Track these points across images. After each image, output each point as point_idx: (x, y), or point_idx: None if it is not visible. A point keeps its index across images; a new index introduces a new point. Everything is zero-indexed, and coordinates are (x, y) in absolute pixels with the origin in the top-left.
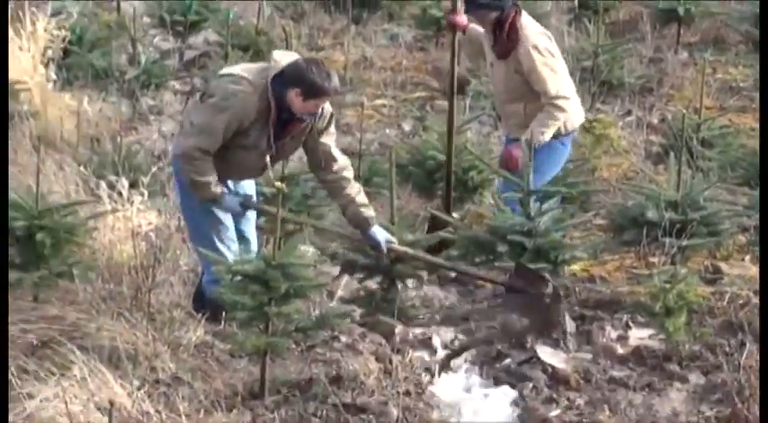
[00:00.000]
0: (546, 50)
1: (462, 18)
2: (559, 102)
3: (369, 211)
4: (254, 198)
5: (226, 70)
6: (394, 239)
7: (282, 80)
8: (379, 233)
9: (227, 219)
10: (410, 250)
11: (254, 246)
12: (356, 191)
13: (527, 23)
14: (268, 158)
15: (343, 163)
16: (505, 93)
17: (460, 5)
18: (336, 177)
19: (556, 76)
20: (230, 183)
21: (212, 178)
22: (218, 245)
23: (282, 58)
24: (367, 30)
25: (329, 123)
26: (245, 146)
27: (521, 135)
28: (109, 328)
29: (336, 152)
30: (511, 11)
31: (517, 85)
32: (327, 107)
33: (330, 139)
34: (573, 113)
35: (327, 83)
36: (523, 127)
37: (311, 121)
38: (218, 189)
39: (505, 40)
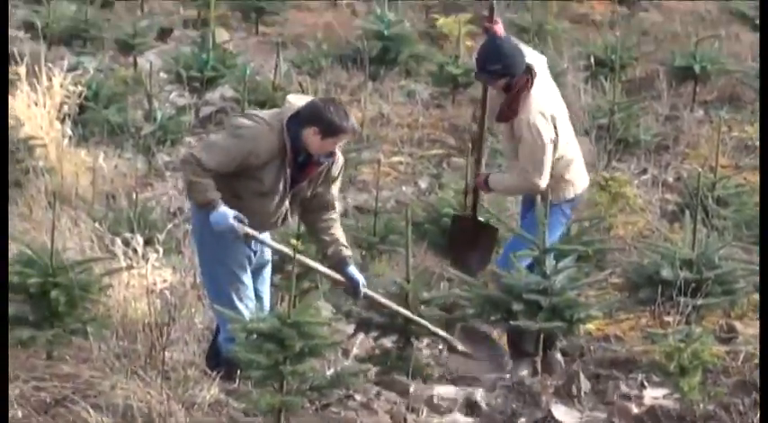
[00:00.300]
0: (537, 132)
1: (500, 26)
2: (525, 181)
3: (348, 251)
4: (270, 256)
5: (243, 113)
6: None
7: (299, 120)
8: (357, 273)
9: (246, 277)
10: (382, 299)
11: (267, 304)
12: (340, 232)
13: (534, 98)
14: (287, 204)
15: (337, 207)
16: (510, 150)
17: (497, 14)
18: (328, 218)
19: (536, 159)
20: (246, 248)
21: (208, 182)
22: (237, 303)
23: (297, 100)
24: (384, 86)
25: (341, 171)
26: (262, 192)
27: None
28: (123, 387)
29: (336, 201)
30: (521, 79)
31: (517, 147)
32: (341, 156)
33: (337, 188)
34: (573, 182)
35: (345, 121)
36: None
37: (328, 165)
38: (214, 195)
39: (506, 108)
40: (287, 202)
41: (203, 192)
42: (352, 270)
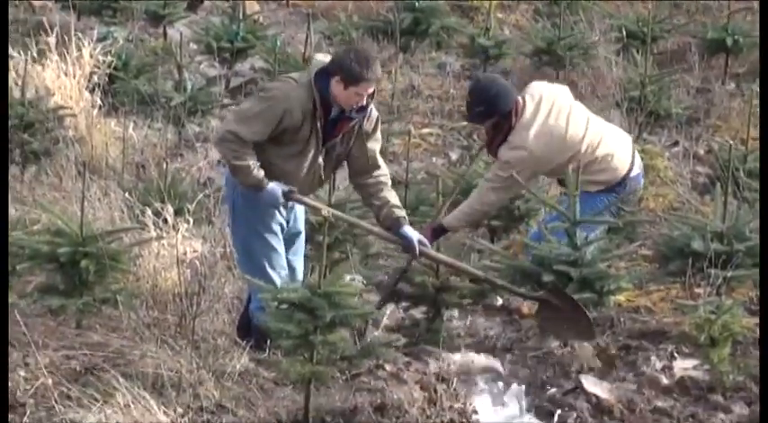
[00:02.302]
0: (498, 173)
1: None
2: (484, 191)
3: (401, 212)
4: (303, 227)
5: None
6: (426, 241)
7: (326, 72)
8: (412, 232)
9: (279, 245)
10: (441, 256)
11: (299, 276)
12: (393, 195)
13: (520, 132)
14: (321, 161)
15: (384, 169)
16: None
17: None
18: (376, 181)
19: (493, 191)
20: (282, 211)
21: (252, 162)
22: (270, 271)
23: (324, 57)
24: (414, 58)
25: (375, 127)
26: (296, 152)
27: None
28: (153, 356)
29: (380, 159)
30: (508, 119)
31: None
32: (374, 112)
33: (376, 145)
34: (606, 173)
35: (365, 69)
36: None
37: (359, 120)
38: (260, 174)
39: (491, 144)
40: (320, 160)
41: (249, 174)
42: (407, 230)
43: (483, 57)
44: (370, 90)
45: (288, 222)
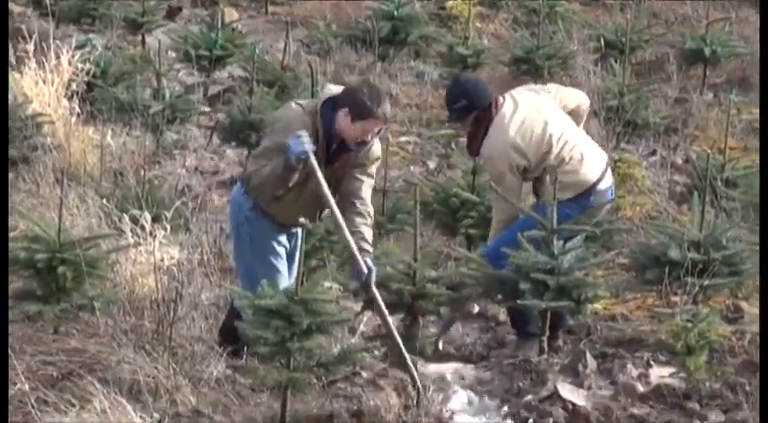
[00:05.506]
0: (492, 164)
1: None
2: (505, 204)
3: (368, 247)
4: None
5: (287, 102)
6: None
7: (334, 102)
8: (371, 265)
9: (282, 266)
10: (382, 306)
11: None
12: (368, 231)
13: (498, 130)
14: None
15: (369, 206)
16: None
17: None
18: (357, 211)
19: (500, 186)
20: (286, 236)
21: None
22: None
23: (335, 87)
24: (393, 67)
25: (371, 162)
26: (299, 180)
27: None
28: (130, 361)
29: (367, 194)
30: (487, 112)
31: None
32: (376, 149)
33: (366, 179)
34: (572, 183)
35: (375, 105)
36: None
37: (359, 151)
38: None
39: (471, 142)
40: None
41: (270, 172)
42: (368, 261)
43: (461, 66)
44: (377, 128)
45: (290, 242)
